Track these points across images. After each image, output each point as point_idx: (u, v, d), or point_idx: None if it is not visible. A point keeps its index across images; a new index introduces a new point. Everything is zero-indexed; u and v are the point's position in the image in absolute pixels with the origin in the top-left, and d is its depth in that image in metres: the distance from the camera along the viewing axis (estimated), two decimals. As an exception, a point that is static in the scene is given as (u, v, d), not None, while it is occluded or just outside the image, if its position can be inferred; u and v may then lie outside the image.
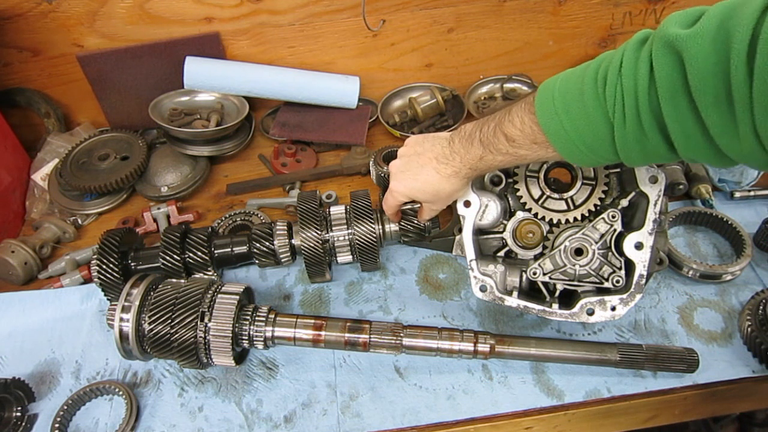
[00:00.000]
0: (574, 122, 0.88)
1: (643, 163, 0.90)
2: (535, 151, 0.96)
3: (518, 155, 0.98)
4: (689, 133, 0.77)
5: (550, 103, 0.90)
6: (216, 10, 1.70)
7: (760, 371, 1.16)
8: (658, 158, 0.87)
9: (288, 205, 1.57)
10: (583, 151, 0.90)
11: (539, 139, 0.93)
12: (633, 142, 0.84)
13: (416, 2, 1.75)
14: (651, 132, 0.81)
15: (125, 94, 1.78)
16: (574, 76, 0.90)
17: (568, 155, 0.93)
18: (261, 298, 1.36)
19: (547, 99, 0.91)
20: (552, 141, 0.92)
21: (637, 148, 0.84)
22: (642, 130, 0.81)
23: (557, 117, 0.89)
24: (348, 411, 1.14)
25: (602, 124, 0.85)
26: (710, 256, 1.39)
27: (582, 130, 0.88)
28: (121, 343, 1.11)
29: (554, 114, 0.89)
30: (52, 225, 1.54)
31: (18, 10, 1.61)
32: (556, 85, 0.91)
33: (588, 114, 0.86)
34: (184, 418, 1.16)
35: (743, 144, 0.72)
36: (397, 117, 1.84)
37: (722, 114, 0.71)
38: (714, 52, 0.69)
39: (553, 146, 0.92)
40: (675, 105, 0.76)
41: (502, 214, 1.21)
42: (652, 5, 1.85)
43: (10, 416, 1.14)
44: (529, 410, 1.13)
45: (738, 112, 0.69)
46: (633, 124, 0.81)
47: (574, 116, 0.88)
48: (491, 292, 1.16)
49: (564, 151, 0.92)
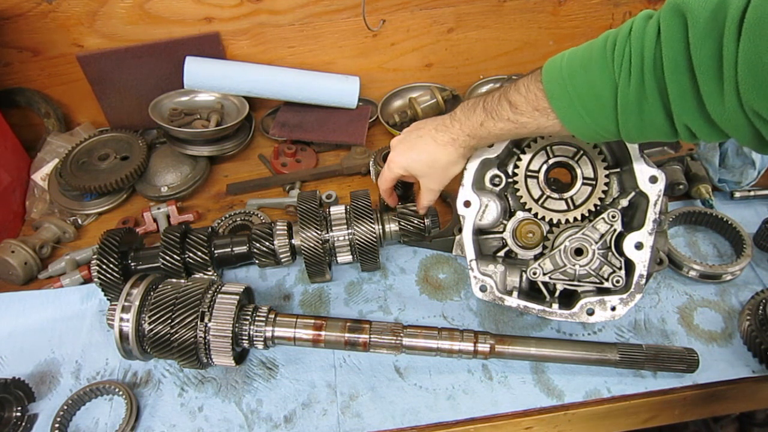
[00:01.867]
0: (578, 87, 0.91)
1: (639, 135, 0.92)
2: (536, 119, 0.98)
3: (519, 123, 1.00)
4: (685, 94, 0.80)
5: (557, 70, 0.93)
6: (216, 10, 1.70)
7: (760, 371, 1.16)
8: (654, 129, 0.89)
9: (288, 205, 1.57)
10: (583, 117, 0.92)
11: (542, 105, 0.96)
12: (634, 104, 0.86)
13: (416, 2, 1.75)
14: (651, 94, 0.84)
15: (125, 94, 1.78)
16: (582, 47, 0.94)
17: (568, 121, 0.95)
18: (261, 298, 1.36)
19: (554, 67, 0.94)
20: (554, 106, 0.94)
21: (636, 111, 0.87)
22: (644, 91, 0.84)
23: (562, 82, 0.92)
24: (348, 411, 1.14)
25: (606, 87, 0.88)
26: (710, 256, 1.39)
27: (585, 95, 0.90)
28: (121, 343, 1.11)
29: (560, 79, 0.92)
30: (52, 225, 1.54)
31: (18, 10, 1.61)
32: (564, 55, 0.95)
33: (593, 78, 0.89)
34: (184, 418, 1.15)
35: (727, 106, 0.76)
36: (397, 117, 1.84)
37: (712, 75, 0.76)
38: (713, 16, 0.74)
39: (555, 111, 0.94)
40: (676, 65, 0.79)
41: (502, 214, 1.21)
42: (651, 5, 1.85)
43: (10, 416, 1.14)
44: (529, 410, 1.13)
45: (725, 72, 0.73)
46: (636, 84, 0.84)
47: (579, 81, 0.91)
48: (491, 292, 1.16)
49: (564, 117, 0.94)
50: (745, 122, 0.77)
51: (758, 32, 0.68)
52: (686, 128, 0.85)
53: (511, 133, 1.04)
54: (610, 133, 0.93)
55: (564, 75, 0.92)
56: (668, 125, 0.87)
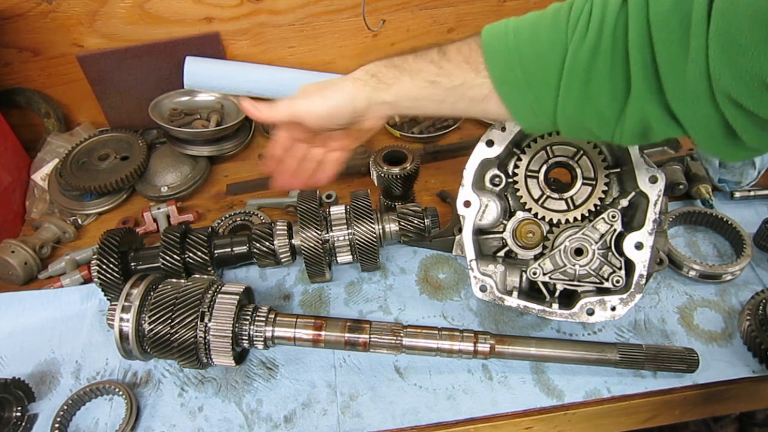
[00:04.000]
0: (522, 45, 0.80)
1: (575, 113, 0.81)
2: (463, 72, 0.85)
3: (442, 69, 0.87)
4: (646, 70, 0.73)
5: (501, 26, 0.83)
6: (216, 10, 1.70)
7: (760, 371, 1.16)
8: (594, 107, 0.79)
9: (288, 205, 1.57)
10: (518, 81, 0.81)
11: (474, 58, 0.84)
12: (582, 68, 0.76)
13: (416, 2, 1.75)
14: (604, 62, 0.75)
15: (125, 94, 1.78)
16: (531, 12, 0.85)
17: (500, 82, 0.83)
18: (261, 298, 1.36)
19: (498, 24, 0.84)
20: (488, 61, 0.82)
21: (583, 79, 0.77)
22: (597, 56, 0.75)
23: (504, 38, 0.82)
24: (348, 411, 1.14)
25: (554, 48, 0.78)
26: (710, 256, 1.39)
27: (527, 54, 0.80)
28: (121, 343, 1.11)
29: (502, 35, 0.82)
30: (52, 225, 1.54)
31: (18, 10, 1.61)
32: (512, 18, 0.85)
33: (540, 36, 0.80)
34: (184, 418, 1.15)
35: (690, 90, 0.69)
36: (397, 117, 1.84)
37: (676, 54, 0.69)
38: None
39: (488, 68, 0.82)
40: (642, 36, 0.72)
41: (502, 214, 1.21)
42: (652, 5, 1.85)
43: (10, 416, 1.14)
44: (529, 410, 1.13)
45: (691, 52, 0.67)
46: (591, 46, 0.75)
47: (524, 38, 0.80)
48: (491, 292, 1.16)
49: (497, 76, 0.83)
50: (712, 111, 0.69)
51: (732, 5, 0.62)
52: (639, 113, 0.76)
53: (431, 77, 0.89)
54: (544, 107, 0.82)
55: (508, 30, 0.82)
56: (613, 103, 0.77)
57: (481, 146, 1.17)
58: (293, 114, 1.02)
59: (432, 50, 0.90)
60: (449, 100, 0.91)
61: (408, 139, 1.77)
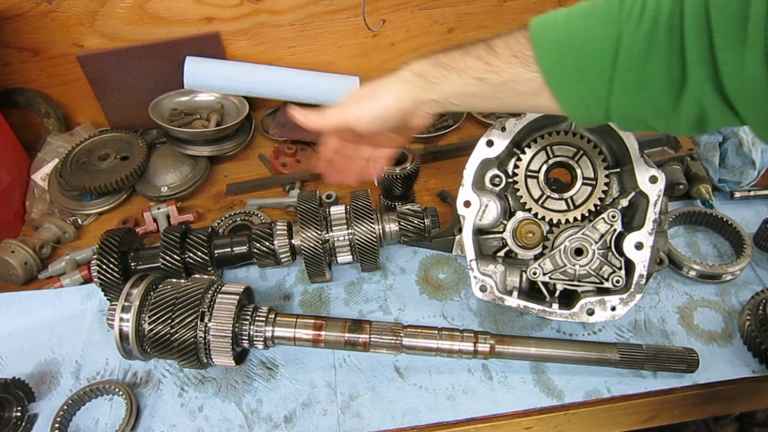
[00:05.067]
0: (573, 35, 0.78)
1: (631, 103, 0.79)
2: (512, 67, 0.84)
3: (491, 65, 0.85)
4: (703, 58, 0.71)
5: (551, 17, 0.82)
6: (216, 10, 1.70)
7: (760, 371, 1.16)
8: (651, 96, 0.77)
9: (288, 205, 1.57)
10: (570, 74, 0.79)
11: (523, 52, 0.82)
12: (638, 56, 0.75)
13: (416, 2, 1.75)
14: (659, 49, 0.74)
15: (125, 94, 1.78)
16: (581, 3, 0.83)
17: (551, 76, 0.81)
18: (261, 298, 1.36)
19: (547, 16, 0.82)
20: (538, 53, 0.81)
21: (638, 67, 0.76)
22: (653, 43, 0.74)
23: (555, 28, 0.80)
24: (348, 411, 1.14)
25: (607, 36, 0.77)
26: (710, 256, 1.39)
27: (579, 43, 0.78)
28: (121, 343, 1.11)
29: (552, 25, 0.80)
30: (52, 225, 1.54)
31: (18, 10, 1.61)
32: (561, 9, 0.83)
33: (592, 24, 0.78)
34: (184, 418, 1.15)
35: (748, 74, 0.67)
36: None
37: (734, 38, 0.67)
38: None
39: (537, 61, 0.81)
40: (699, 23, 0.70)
41: (502, 214, 1.21)
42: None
43: (10, 416, 1.14)
44: (529, 410, 1.13)
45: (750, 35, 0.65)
46: (647, 33, 0.74)
47: (575, 27, 0.79)
48: (491, 292, 1.16)
49: (548, 68, 0.81)
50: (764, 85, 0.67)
51: None
52: (696, 102, 0.74)
53: (479, 74, 0.87)
54: (597, 99, 0.80)
55: (558, 22, 0.80)
56: (669, 93, 0.76)
57: (481, 146, 1.18)
58: (343, 121, 1.01)
59: (479, 46, 0.88)
60: (499, 96, 0.90)
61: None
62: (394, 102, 0.97)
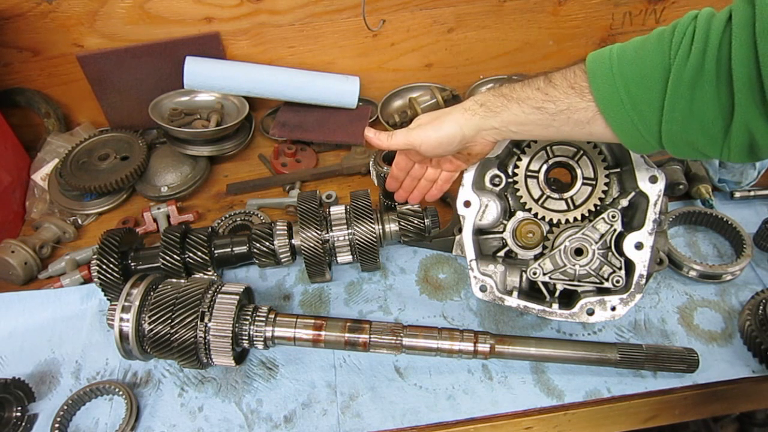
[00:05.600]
0: (625, 66, 0.85)
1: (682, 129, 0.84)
2: (568, 96, 0.91)
3: (548, 95, 0.93)
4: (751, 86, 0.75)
5: (606, 52, 0.88)
6: (216, 10, 1.70)
7: (760, 371, 1.16)
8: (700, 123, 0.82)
9: (288, 205, 1.57)
10: (623, 102, 0.85)
11: (579, 83, 0.90)
12: (687, 86, 0.80)
13: (416, 2, 1.75)
14: (709, 80, 0.78)
15: (125, 94, 1.78)
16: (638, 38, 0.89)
17: (605, 104, 0.88)
18: (261, 298, 1.36)
19: (602, 51, 0.89)
20: (593, 84, 0.88)
21: (688, 96, 0.80)
22: (702, 74, 0.79)
23: (609, 62, 0.86)
24: (348, 411, 1.14)
25: (657, 67, 0.82)
26: (710, 256, 1.39)
27: (631, 75, 0.85)
28: (121, 343, 1.11)
29: (607, 59, 0.87)
30: (52, 225, 1.54)
31: (18, 10, 1.61)
32: (616, 44, 0.89)
33: (643, 56, 0.84)
34: (184, 418, 1.16)
35: None
36: (397, 117, 1.84)
37: None
38: None
39: (592, 91, 0.88)
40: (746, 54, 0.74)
41: (502, 214, 1.21)
42: (652, 5, 1.85)
43: (10, 416, 1.14)
44: (529, 410, 1.13)
45: None
46: (695, 65, 0.79)
47: (627, 59, 0.85)
48: (491, 292, 1.16)
49: (602, 98, 0.87)
50: None
51: None
52: (745, 129, 0.78)
53: (538, 104, 0.95)
54: (649, 127, 0.86)
55: (613, 55, 0.87)
56: (719, 120, 0.80)
57: (481, 146, 1.17)
58: (409, 143, 1.12)
59: (538, 78, 0.96)
60: (555, 124, 0.96)
61: (408, 139, 1.77)
62: (456, 129, 1.06)
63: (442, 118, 1.08)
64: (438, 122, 1.08)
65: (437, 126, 1.08)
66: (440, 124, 1.08)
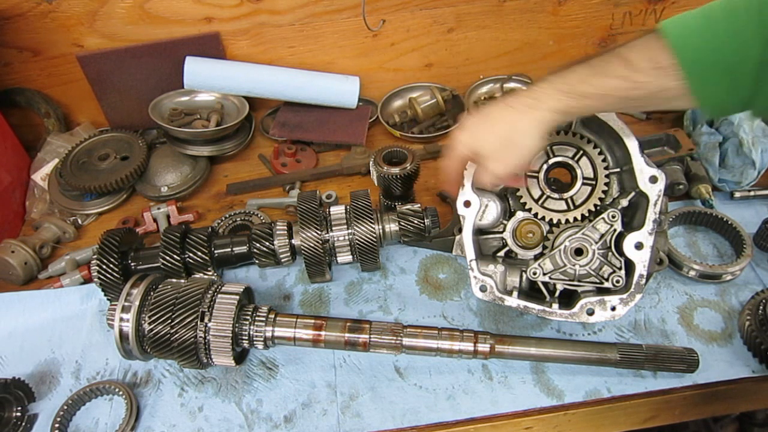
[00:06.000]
0: (715, 41, 0.82)
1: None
2: (657, 78, 0.87)
3: (635, 82, 0.88)
4: None
5: (685, 26, 0.85)
6: (216, 10, 1.70)
7: (760, 371, 1.16)
8: None
9: (288, 205, 1.57)
10: (716, 74, 0.83)
11: (665, 62, 0.85)
12: None
13: (416, 2, 1.75)
14: None
15: (125, 94, 1.78)
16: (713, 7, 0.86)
17: (697, 82, 0.85)
18: (261, 298, 1.36)
19: (679, 24, 0.85)
20: (681, 60, 0.83)
21: None
22: None
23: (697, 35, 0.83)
24: (348, 411, 1.14)
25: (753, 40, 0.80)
26: (710, 256, 1.39)
27: (724, 49, 0.82)
28: (121, 343, 1.11)
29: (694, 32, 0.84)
30: (52, 225, 1.54)
31: (18, 10, 1.61)
32: (689, 14, 0.86)
33: (737, 31, 0.81)
34: (184, 418, 1.16)
35: None
36: (397, 117, 1.84)
37: None
38: None
39: (683, 69, 0.84)
40: None
41: (502, 214, 1.21)
42: (652, 5, 1.85)
43: (10, 416, 1.14)
44: (529, 410, 1.13)
45: None
46: None
47: (720, 32, 0.82)
48: (491, 292, 1.16)
49: (694, 75, 0.84)
50: None
51: None
52: None
53: (623, 93, 0.89)
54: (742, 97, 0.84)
55: (700, 27, 0.84)
56: None
57: (481, 146, 1.17)
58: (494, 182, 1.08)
59: (611, 62, 0.90)
60: (636, 105, 0.96)
61: (408, 139, 1.77)
62: (538, 146, 1.00)
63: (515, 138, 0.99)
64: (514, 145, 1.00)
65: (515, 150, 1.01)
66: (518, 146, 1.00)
